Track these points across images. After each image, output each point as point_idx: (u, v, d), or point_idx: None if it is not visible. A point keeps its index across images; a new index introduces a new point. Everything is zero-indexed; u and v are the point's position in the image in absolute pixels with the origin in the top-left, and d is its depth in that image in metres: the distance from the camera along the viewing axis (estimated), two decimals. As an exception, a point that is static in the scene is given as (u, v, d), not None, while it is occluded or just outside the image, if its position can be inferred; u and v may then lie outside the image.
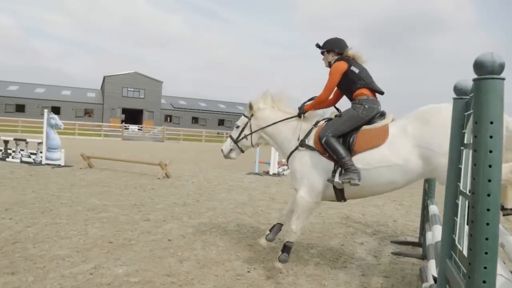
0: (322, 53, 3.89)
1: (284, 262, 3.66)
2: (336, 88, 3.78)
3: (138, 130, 44.49)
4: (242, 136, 4.15)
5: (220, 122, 55.96)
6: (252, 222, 6.01)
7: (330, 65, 3.77)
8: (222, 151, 4.31)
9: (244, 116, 4.22)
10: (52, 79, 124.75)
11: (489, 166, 1.25)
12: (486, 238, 1.23)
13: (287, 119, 3.91)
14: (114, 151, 19.12)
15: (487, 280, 1.24)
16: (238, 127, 4.21)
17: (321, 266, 4.18)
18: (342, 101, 4.05)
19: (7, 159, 12.52)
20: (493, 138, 1.25)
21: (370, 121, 3.51)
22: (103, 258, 4.01)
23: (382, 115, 3.57)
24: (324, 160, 3.54)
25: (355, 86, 3.60)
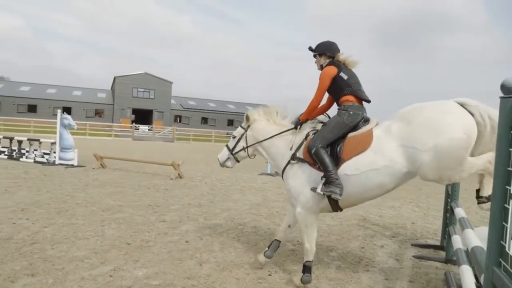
0: (314, 56, 3.91)
1: (307, 283, 3.52)
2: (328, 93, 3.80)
3: (148, 130, 44.63)
4: (239, 148, 4.20)
5: (230, 123, 55.89)
6: (268, 224, 5.94)
7: (322, 68, 3.79)
8: (218, 160, 4.36)
9: (240, 127, 4.26)
10: (63, 79, 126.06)
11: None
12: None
13: (282, 132, 3.93)
14: (125, 151, 19.17)
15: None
16: (234, 137, 4.27)
17: (342, 269, 4.09)
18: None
19: (21, 159, 12.59)
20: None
21: (355, 127, 3.52)
22: (122, 260, 3.96)
23: (366, 121, 3.59)
24: (315, 172, 3.52)
25: (342, 92, 3.62)
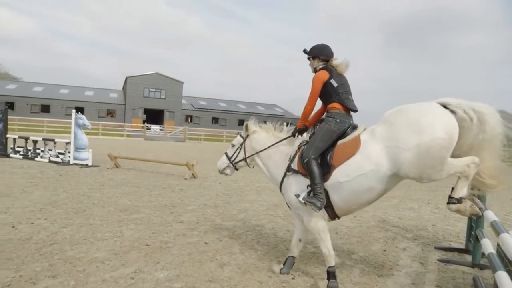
0: (308, 58, 3.91)
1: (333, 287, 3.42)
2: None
3: (160, 130, 44.79)
4: (239, 158, 4.23)
5: (240, 122, 55.76)
6: (286, 225, 5.85)
7: (316, 71, 3.80)
8: (217, 167, 4.39)
9: (240, 136, 4.31)
10: (75, 80, 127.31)
11: None
12: None
13: (281, 141, 3.95)
14: (138, 151, 19.23)
15: None
16: (233, 146, 4.30)
17: (366, 273, 3.98)
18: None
19: (36, 159, 12.68)
20: None
21: (344, 134, 3.55)
22: (142, 262, 3.91)
23: (354, 127, 3.60)
24: (309, 182, 3.51)
25: (330, 99, 3.64)
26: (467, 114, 3.00)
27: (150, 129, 43.17)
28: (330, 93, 3.61)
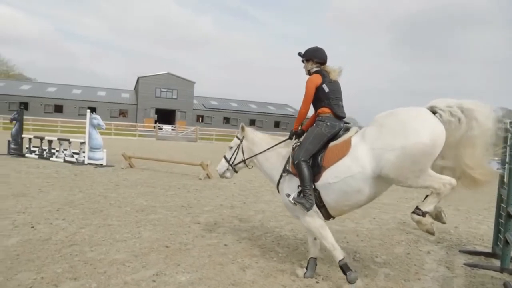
0: (303, 61, 3.97)
1: (355, 279, 3.41)
2: None
3: (172, 130, 44.93)
4: (237, 160, 4.27)
5: (251, 122, 55.74)
6: (305, 227, 5.74)
7: (310, 73, 3.86)
8: (217, 171, 4.41)
9: (236, 137, 4.34)
10: (86, 80, 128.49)
11: None
12: None
13: (277, 144, 4.01)
14: (150, 151, 19.27)
15: None
16: (231, 148, 4.34)
17: (392, 277, 3.87)
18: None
19: (51, 159, 12.75)
20: None
21: (336, 136, 3.61)
22: (163, 264, 3.85)
23: (347, 129, 3.64)
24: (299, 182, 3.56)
25: (320, 103, 3.70)
26: (454, 115, 3.05)
27: (162, 129, 43.32)
28: (321, 97, 3.67)
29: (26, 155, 13.35)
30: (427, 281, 3.84)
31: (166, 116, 51.81)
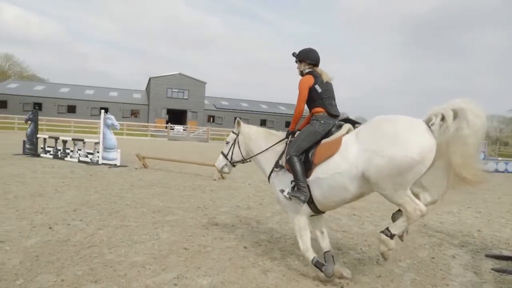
0: (296, 62, 4.05)
1: (331, 270, 3.50)
2: None
3: (183, 130, 45.03)
4: (235, 155, 4.41)
5: (262, 122, 55.63)
6: (324, 229, 5.63)
7: (302, 74, 3.95)
8: (216, 167, 4.58)
9: (232, 132, 4.46)
10: (98, 81, 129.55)
11: None
12: None
13: (275, 144, 4.08)
14: (163, 151, 19.29)
15: None
16: (227, 143, 4.48)
17: (419, 282, 3.75)
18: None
19: (65, 159, 12.81)
20: None
21: (328, 134, 3.68)
22: (183, 267, 3.78)
23: (339, 126, 3.70)
24: (292, 178, 3.67)
25: (314, 104, 3.79)
26: (448, 116, 2.99)
27: (173, 129, 43.45)
28: (314, 98, 3.77)
29: (41, 155, 13.44)
30: (455, 286, 3.71)
31: (177, 116, 52.00)
